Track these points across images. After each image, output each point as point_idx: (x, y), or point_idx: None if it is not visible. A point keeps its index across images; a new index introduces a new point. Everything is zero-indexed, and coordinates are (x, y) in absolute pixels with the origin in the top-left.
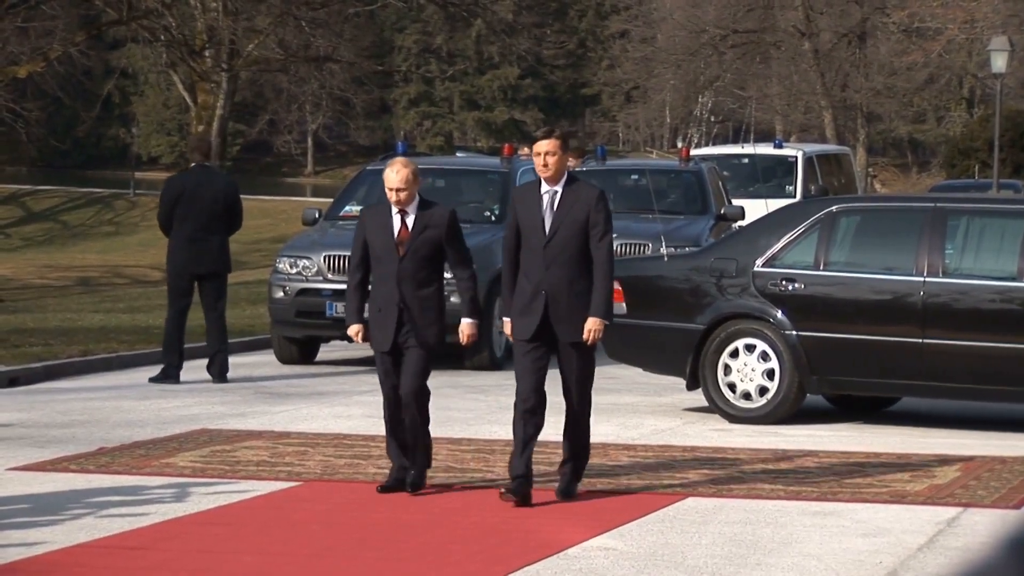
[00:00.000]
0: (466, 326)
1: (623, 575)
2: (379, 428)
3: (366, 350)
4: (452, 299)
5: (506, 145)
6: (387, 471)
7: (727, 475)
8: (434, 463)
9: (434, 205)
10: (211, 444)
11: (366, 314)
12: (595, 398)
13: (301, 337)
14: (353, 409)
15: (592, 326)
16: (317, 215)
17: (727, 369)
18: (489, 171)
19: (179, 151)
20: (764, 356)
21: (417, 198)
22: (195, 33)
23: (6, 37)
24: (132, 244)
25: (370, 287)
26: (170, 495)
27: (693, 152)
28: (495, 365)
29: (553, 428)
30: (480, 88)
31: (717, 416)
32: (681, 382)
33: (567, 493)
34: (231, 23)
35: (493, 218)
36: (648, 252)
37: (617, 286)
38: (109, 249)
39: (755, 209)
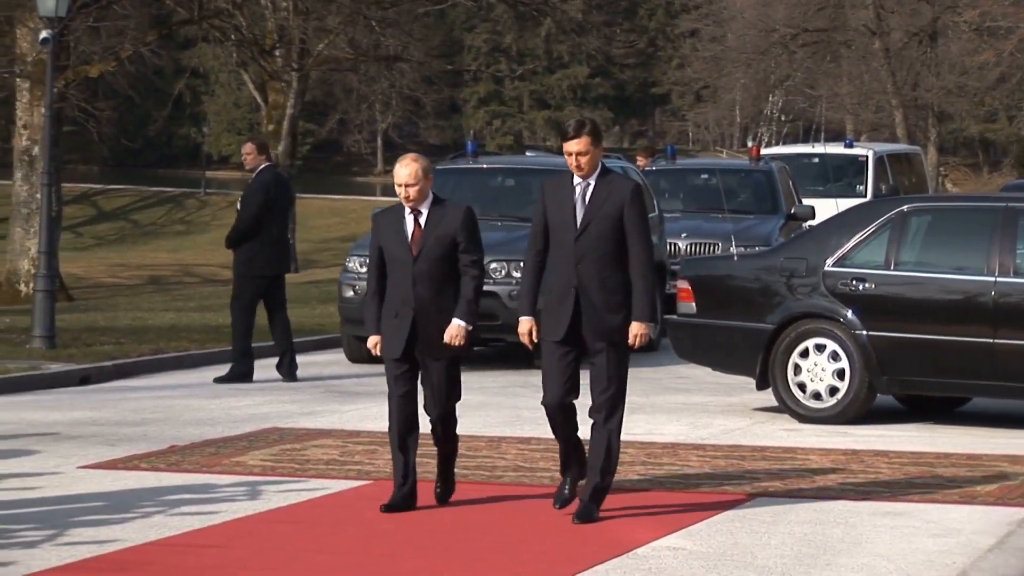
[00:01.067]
0: (454, 327)
1: (692, 575)
2: None
3: None
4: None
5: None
6: (457, 469)
7: (797, 475)
8: (504, 462)
9: (448, 203)
10: (281, 443)
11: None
12: (664, 398)
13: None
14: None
15: (637, 331)
16: None
17: (797, 369)
18: (558, 170)
19: None
20: (834, 356)
21: (431, 196)
22: (265, 33)
23: (78, 36)
24: (203, 243)
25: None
26: (241, 493)
27: (763, 151)
28: None
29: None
30: (549, 87)
31: (787, 416)
32: (751, 382)
33: (585, 517)
34: (301, 22)
35: None
36: (718, 251)
37: (687, 285)
38: (180, 248)
39: (825, 208)
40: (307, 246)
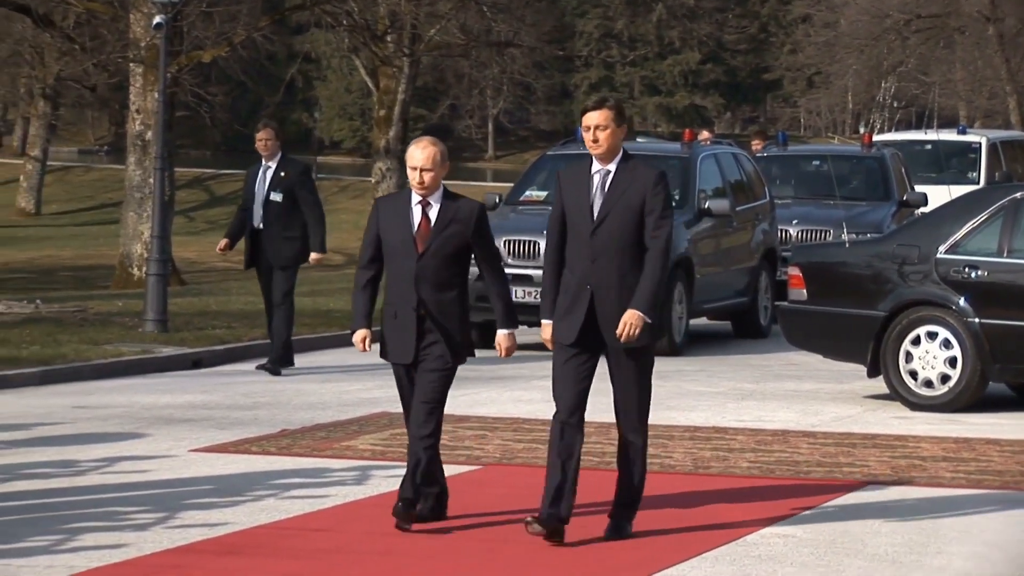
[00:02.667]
0: (503, 338)
1: (802, 562)
2: None
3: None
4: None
5: (687, 130)
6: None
7: (908, 463)
8: (612, 447)
9: (461, 198)
10: (391, 427)
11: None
12: (774, 385)
13: (480, 322)
14: (532, 393)
15: (629, 319)
16: (498, 200)
17: (908, 356)
18: (670, 156)
19: (361, 135)
20: (946, 343)
21: (442, 187)
22: (377, 18)
23: (191, 22)
24: None
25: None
26: (351, 478)
27: (875, 138)
28: (674, 351)
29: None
30: (661, 73)
31: (898, 404)
32: (862, 369)
33: (618, 533)
34: (413, 8)
35: (673, 203)
36: (830, 238)
37: (798, 272)
38: None
39: (938, 195)
40: None
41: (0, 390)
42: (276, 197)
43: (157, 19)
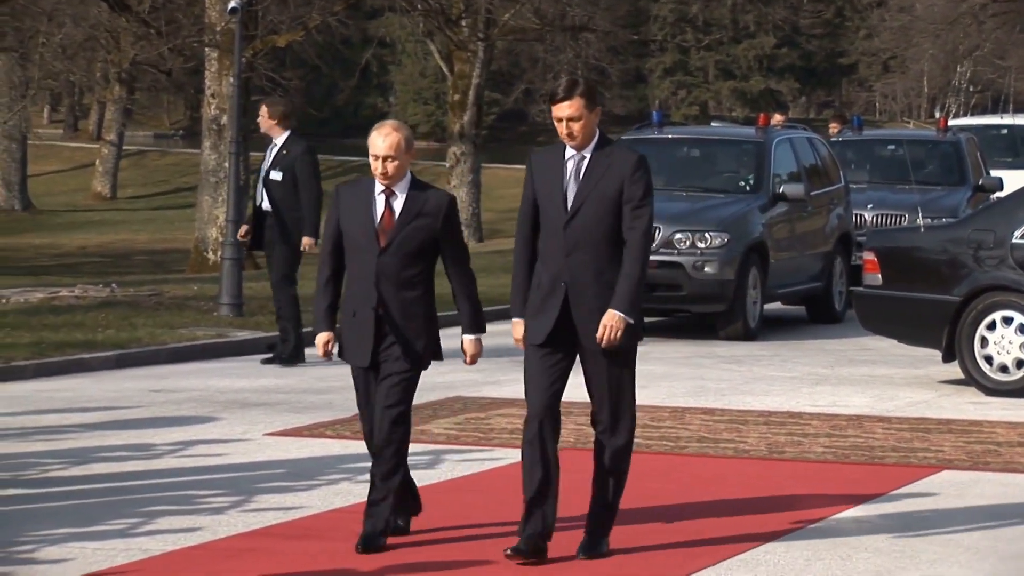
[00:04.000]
0: (470, 344)
1: (876, 547)
2: None
3: None
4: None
5: (761, 115)
6: (640, 439)
7: (983, 448)
8: (687, 432)
9: (430, 188)
10: (466, 411)
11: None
12: (849, 370)
13: None
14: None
15: (609, 321)
16: None
17: (984, 341)
18: (744, 141)
19: (435, 120)
20: (1021, 328)
21: (409, 176)
22: (452, 2)
23: (266, 6)
24: None
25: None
26: (424, 462)
27: (951, 122)
28: (749, 336)
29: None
30: (736, 57)
31: (973, 389)
32: (936, 354)
33: (592, 551)
34: None
35: (748, 188)
36: (904, 223)
37: (872, 257)
38: None
39: (1014, 180)
40: (492, 215)
41: (76, 374)
42: (276, 176)
43: (232, 3)
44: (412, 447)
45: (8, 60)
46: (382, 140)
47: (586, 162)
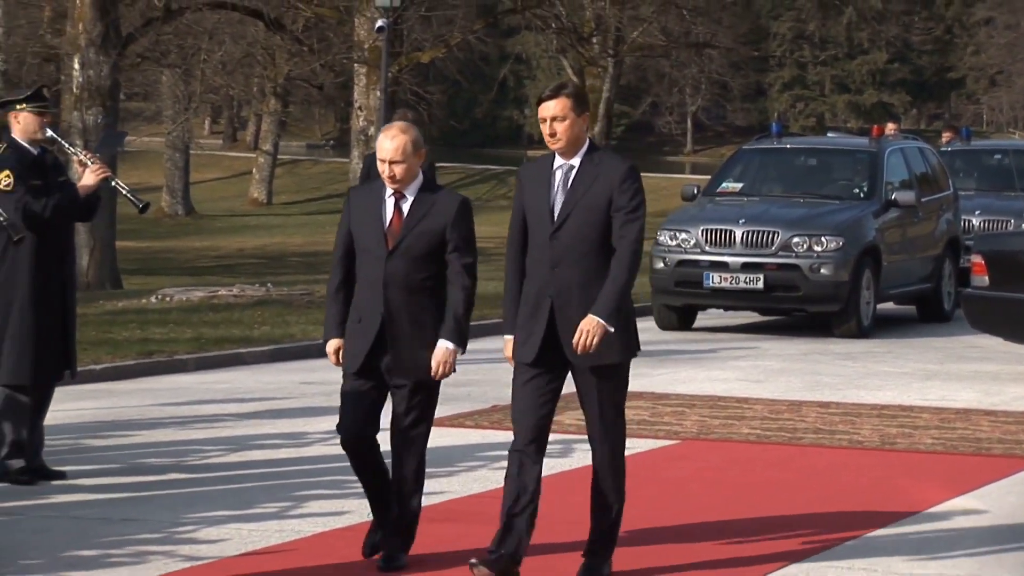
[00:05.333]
0: (440, 352)
1: (983, 535)
2: (753, 390)
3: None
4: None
5: (874, 126)
6: (759, 431)
7: None
8: (804, 424)
9: (441, 189)
10: None
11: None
12: (958, 366)
13: (680, 305)
14: (728, 373)
15: (585, 326)
16: (696, 191)
17: None
18: (858, 150)
19: None
20: None
21: (420, 178)
22: (583, 21)
23: (410, 25)
24: None
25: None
26: (556, 450)
27: None
28: (863, 333)
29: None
30: (850, 72)
31: None
32: None
33: (591, 574)
34: (617, 12)
35: (862, 195)
36: (1011, 228)
37: (980, 259)
38: (502, 222)
39: None
40: None
41: (234, 367)
42: None
43: (380, 22)
44: None
45: (172, 76)
46: (389, 143)
47: (574, 172)
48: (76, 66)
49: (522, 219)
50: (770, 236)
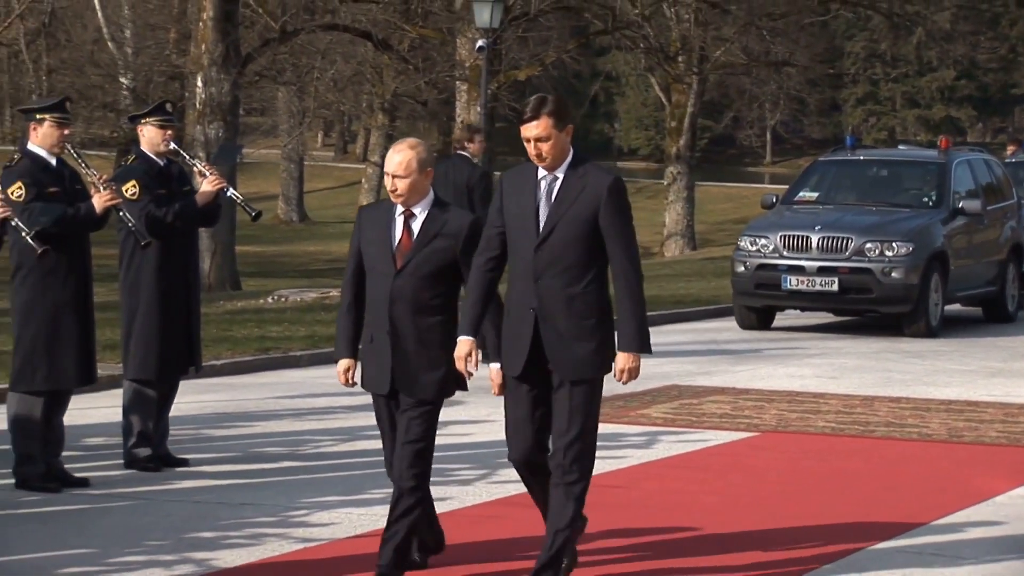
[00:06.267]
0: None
1: None
2: (828, 385)
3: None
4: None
5: (942, 138)
6: (833, 424)
7: None
8: (876, 418)
9: (451, 208)
10: (680, 398)
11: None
12: (1021, 364)
13: (760, 306)
14: (805, 369)
15: (626, 364)
16: (774, 200)
17: None
18: (927, 162)
19: (655, 144)
20: None
21: (431, 196)
22: (670, 41)
23: (509, 45)
24: None
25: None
26: (643, 441)
27: None
28: (931, 333)
29: None
30: (920, 88)
31: None
32: None
33: None
34: (701, 32)
35: (930, 203)
36: None
37: None
38: None
39: None
40: (704, 227)
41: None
42: None
43: (480, 43)
44: (633, 428)
45: (288, 92)
46: (396, 157)
47: (559, 183)
48: (199, 84)
49: (501, 227)
50: (844, 242)
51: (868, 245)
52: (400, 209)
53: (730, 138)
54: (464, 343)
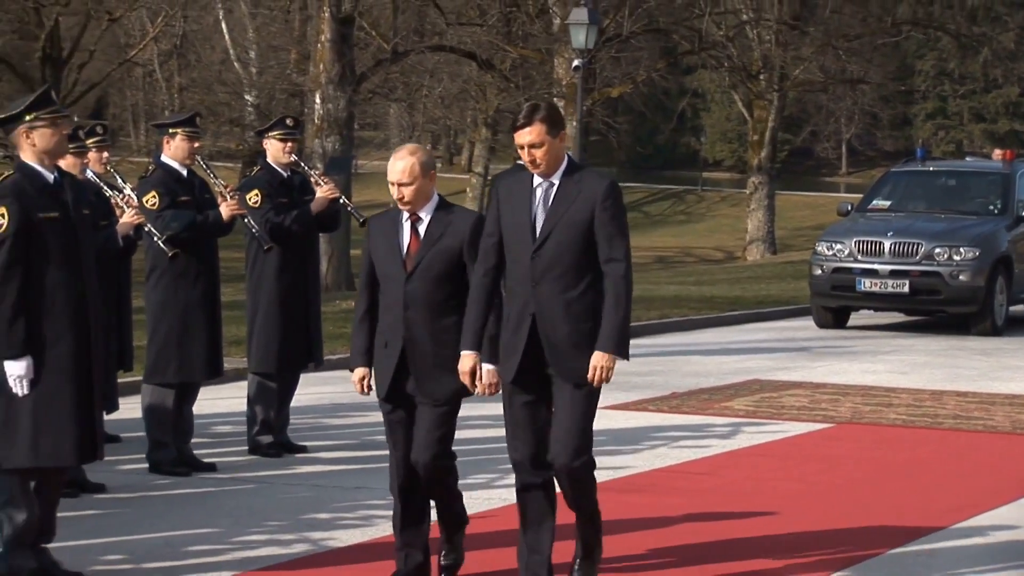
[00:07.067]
0: (489, 373)
1: None
2: (899, 380)
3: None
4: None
5: (1007, 150)
6: (904, 416)
7: None
8: (944, 411)
9: (456, 209)
10: (761, 392)
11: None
12: None
13: (836, 306)
14: (878, 365)
15: (599, 362)
16: (849, 208)
17: None
18: (992, 172)
19: (738, 155)
20: None
21: (435, 199)
22: (752, 61)
23: (603, 65)
24: (700, 230)
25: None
26: (726, 432)
27: None
28: (996, 332)
29: None
30: (986, 104)
31: None
32: None
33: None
34: (781, 52)
35: (995, 211)
36: None
37: None
38: (681, 234)
39: None
40: (784, 233)
41: None
42: None
43: (576, 62)
44: (717, 420)
45: (399, 108)
46: (399, 164)
47: (555, 189)
48: (317, 100)
49: (498, 236)
50: (915, 247)
51: (937, 250)
52: (406, 215)
53: (808, 150)
54: (467, 358)
